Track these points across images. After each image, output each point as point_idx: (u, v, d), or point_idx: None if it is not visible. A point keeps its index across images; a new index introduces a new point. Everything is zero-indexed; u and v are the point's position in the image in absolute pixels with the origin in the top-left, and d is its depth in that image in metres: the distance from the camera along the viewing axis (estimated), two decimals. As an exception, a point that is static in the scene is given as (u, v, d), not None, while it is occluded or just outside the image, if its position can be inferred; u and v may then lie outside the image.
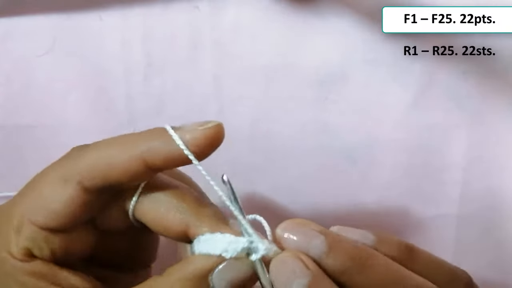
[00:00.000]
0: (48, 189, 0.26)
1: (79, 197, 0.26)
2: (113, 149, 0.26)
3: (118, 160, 0.25)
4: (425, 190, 0.42)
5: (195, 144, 0.25)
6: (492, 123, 0.41)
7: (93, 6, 0.41)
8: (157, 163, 0.25)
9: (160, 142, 0.25)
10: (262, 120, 0.42)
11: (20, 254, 0.26)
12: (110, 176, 0.26)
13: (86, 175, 0.26)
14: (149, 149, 0.25)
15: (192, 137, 0.25)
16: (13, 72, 0.42)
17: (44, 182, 0.26)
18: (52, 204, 0.26)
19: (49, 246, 0.26)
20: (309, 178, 0.42)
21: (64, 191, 0.26)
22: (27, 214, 0.26)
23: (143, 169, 0.25)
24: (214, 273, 0.24)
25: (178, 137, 0.25)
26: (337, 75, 0.41)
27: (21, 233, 0.26)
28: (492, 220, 0.42)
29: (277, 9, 0.40)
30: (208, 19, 0.41)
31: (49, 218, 0.26)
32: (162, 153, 0.25)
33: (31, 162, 0.42)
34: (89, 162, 0.26)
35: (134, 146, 0.26)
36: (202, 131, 0.25)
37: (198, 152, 0.25)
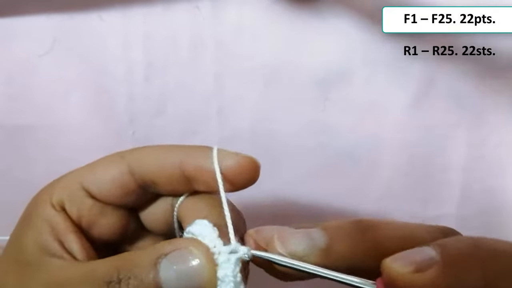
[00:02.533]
0: (105, 160, 0.27)
1: (125, 177, 0.27)
2: (162, 151, 0.27)
3: (161, 160, 0.26)
4: (425, 190, 0.42)
5: (232, 171, 0.26)
6: (492, 123, 0.41)
7: (93, 6, 0.41)
8: (191, 175, 0.26)
9: (199, 157, 0.26)
10: (263, 120, 0.42)
11: (56, 203, 0.27)
12: (150, 173, 0.26)
13: (135, 162, 0.27)
14: (186, 160, 0.26)
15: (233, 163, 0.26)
16: (14, 72, 0.42)
17: (105, 157, 0.28)
18: (101, 171, 0.27)
19: (80, 209, 0.27)
20: (309, 177, 0.42)
21: (116, 163, 0.27)
22: (80, 175, 0.27)
23: (177, 175, 0.26)
24: (162, 261, 0.23)
25: (216, 157, 0.26)
26: (337, 75, 0.41)
27: (66, 188, 0.27)
28: (492, 220, 0.42)
29: (278, 10, 0.40)
30: (208, 19, 0.41)
31: (93, 182, 0.27)
32: (196, 168, 0.26)
33: (32, 162, 0.43)
34: (141, 154, 0.27)
35: (176, 153, 0.27)
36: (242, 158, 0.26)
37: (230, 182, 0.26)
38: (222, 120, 0.42)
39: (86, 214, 0.27)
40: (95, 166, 0.28)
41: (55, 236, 0.26)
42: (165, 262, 0.23)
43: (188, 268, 0.23)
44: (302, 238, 0.23)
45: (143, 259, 0.23)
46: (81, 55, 0.42)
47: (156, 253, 0.23)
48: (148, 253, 0.24)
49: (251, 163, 0.26)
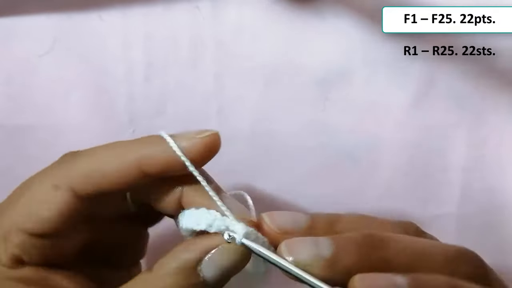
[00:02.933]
0: (39, 195, 0.26)
1: (70, 204, 0.25)
2: (107, 156, 0.26)
3: (112, 167, 0.25)
4: (425, 190, 0.42)
5: (193, 151, 0.25)
6: (492, 123, 0.41)
7: (93, 6, 0.41)
8: (153, 170, 0.25)
9: (156, 149, 0.25)
10: (263, 120, 0.42)
11: (9, 261, 0.25)
12: (103, 184, 0.25)
13: (78, 182, 0.25)
14: (144, 156, 0.25)
15: (190, 144, 0.25)
16: (14, 72, 0.42)
17: (34, 189, 0.26)
18: (42, 211, 0.25)
19: (39, 251, 0.26)
20: (309, 178, 0.42)
21: (55, 197, 0.25)
22: (15, 221, 0.25)
23: (138, 177, 0.25)
24: (203, 264, 0.24)
25: (175, 144, 0.25)
26: (337, 75, 0.41)
27: (10, 241, 0.25)
28: (492, 220, 0.42)
29: (278, 9, 0.40)
30: (208, 19, 0.41)
31: (40, 226, 0.25)
32: (159, 160, 0.25)
33: (32, 162, 0.42)
34: (82, 169, 0.25)
35: (129, 153, 0.25)
36: (199, 139, 0.25)
37: (195, 160, 0.25)
38: (222, 120, 0.42)
39: (48, 253, 0.26)
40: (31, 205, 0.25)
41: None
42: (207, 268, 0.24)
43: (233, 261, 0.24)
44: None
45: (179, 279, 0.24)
46: (81, 55, 0.42)
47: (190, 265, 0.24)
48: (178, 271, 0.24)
49: (214, 139, 0.26)
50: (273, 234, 0.24)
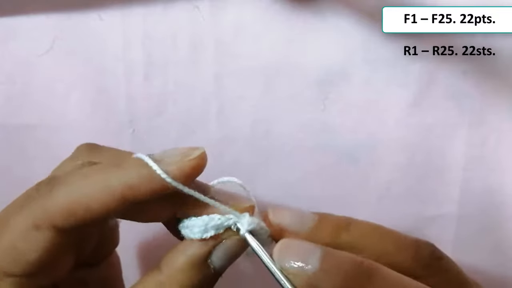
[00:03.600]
0: (20, 239, 0.24)
1: (54, 241, 0.24)
2: (87, 187, 0.24)
3: (95, 199, 0.24)
4: (425, 190, 0.42)
5: (179, 175, 0.24)
6: (492, 123, 0.41)
7: (93, 6, 0.41)
8: (138, 197, 0.24)
9: (140, 175, 0.24)
10: (263, 120, 0.42)
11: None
12: (87, 216, 0.24)
13: (59, 218, 0.24)
14: (129, 185, 0.24)
15: (176, 169, 0.24)
16: (14, 72, 0.42)
17: (14, 231, 0.24)
18: (27, 254, 0.24)
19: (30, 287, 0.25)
20: (310, 177, 0.42)
21: (37, 239, 0.24)
22: (1, 267, 0.24)
23: (123, 205, 0.24)
24: (213, 255, 0.25)
25: (161, 170, 0.24)
26: (337, 75, 0.41)
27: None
28: (492, 219, 0.42)
29: (278, 9, 0.40)
30: (208, 19, 0.41)
31: (26, 267, 0.24)
32: (145, 188, 0.24)
33: (32, 162, 0.43)
34: (62, 203, 0.24)
35: (111, 183, 0.24)
36: (188, 162, 0.24)
37: (181, 181, 0.24)
38: (222, 120, 0.42)
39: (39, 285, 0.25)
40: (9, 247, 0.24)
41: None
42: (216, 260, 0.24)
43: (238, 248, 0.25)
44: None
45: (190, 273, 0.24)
46: (80, 55, 0.42)
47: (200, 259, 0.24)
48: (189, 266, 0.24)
49: (201, 160, 0.25)
50: (276, 230, 0.25)
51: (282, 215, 0.25)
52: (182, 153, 0.25)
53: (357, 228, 0.25)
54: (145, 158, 0.25)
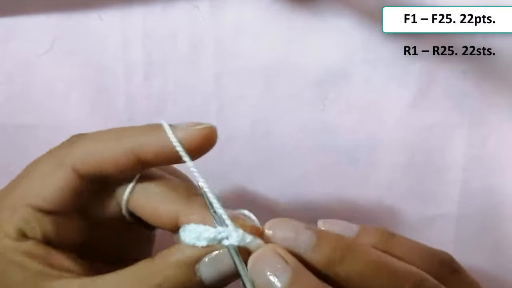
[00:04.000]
0: (44, 172, 0.27)
1: (71, 182, 0.26)
2: (107, 140, 0.27)
3: (110, 151, 0.26)
4: (425, 190, 0.42)
5: (188, 142, 0.26)
6: (492, 123, 0.41)
7: (93, 6, 0.41)
8: (148, 158, 0.26)
9: (153, 137, 0.26)
10: (262, 120, 0.42)
11: (14, 234, 0.26)
12: (101, 166, 0.26)
13: (79, 162, 0.26)
14: (141, 144, 0.26)
15: (186, 135, 0.26)
16: (14, 72, 0.42)
17: (39, 167, 0.27)
18: (46, 187, 0.26)
19: (41, 227, 0.26)
20: (310, 177, 0.42)
21: (58, 175, 0.26)
22: (22, 196, 0.27)
23: (134, 163, 0.26)
24: (201, 263, 0.24)
25: (172, 133, 0.26)
26: (337, 75, 0.41)
27: (16, 214, 0.26)
28: (492, 219, 0.42)
29: (277, 9, 0.40)
30: (208, 19, 0.41)
31: (43, 200, 0.26)
32: (154, 149, 0.26)
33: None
34: (84, 150, 0.27)
35: (127, 139, 0.26)
36: (195, 130, 0.26)
37: (190, 150, 0.26)
38: (221, 119, 0.42)
39: (51, 230, 0.27)
40: (37, 181, 0.27)
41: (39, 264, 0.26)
42: (205, 268, 0.24)
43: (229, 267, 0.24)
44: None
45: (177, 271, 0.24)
46: (80, 54, 0.42)
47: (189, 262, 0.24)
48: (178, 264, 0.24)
49: (209, 132, 0.26)
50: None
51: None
52: (193, 123, 0.27)
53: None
54: (162, 122, 0.27)
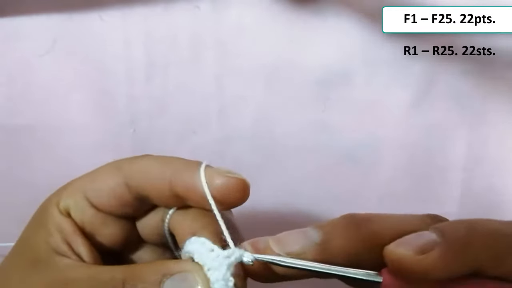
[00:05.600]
0: (104, 170, 0.28)
1: (121, 188, 0.27)
2: (155, 165, 0.27)
3: (152, 175, 0.26)
4: (425, 190, 0.42)
5: (218, 188, 0.25)
6: (493, 122, 0.41)
7: (94, 6, 0.41)
8: (177, 190, 0.26)
9: (187, 172, 0.26)
10: (263, 120, 0.42)
11: (63, 209, 0.27)
12: (143, 187, 0.27)
13: (129, 175, 0.27)
14: (176, 175, 0.26)
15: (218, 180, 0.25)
16: (14, 72, 0.42)
17: (104, 166, 0.28)
18: (100, 182, 0.27)
19: (83, 215, 0.27)
20: (310, 177, 0.42)
21: (113, 175, 0.27)
22: (80, 184, 0.28)
23: (168, 191, 0.26)
24: (166, 281, 0.24)
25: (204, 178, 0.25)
26: (337, 75, 0.41)
27: (71, 196, 0.28)
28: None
29: (278, 9, 0.40)
30: (209, 19, 0.41)
31: (93, 192, 0.27)
32: (183, 183, 0.26)
33: (32, 162, 0.42)
34: (135, 167, 0.27)
35: (169, 167, 0.26)
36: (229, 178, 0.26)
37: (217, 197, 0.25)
38: (222, 120, 0.42)
39: (88, 223, 0.28)
40: (96, 176, 0.28)
41: (64, 238, 0.27)
42: (169, 283, 0.24)
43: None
44: (297, 236, 0.24)
45: (149, 275, 0.24)
46: (81, 55, 0.42)
47: (161, 272, 0.24)
48: (154, 270, 0.24)
49: (240, 184, 0.26)
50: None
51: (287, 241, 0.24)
52: (232, 171, 0.26)
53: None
54: (203, 162, 0.26)
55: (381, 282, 0.23)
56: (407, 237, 0.22)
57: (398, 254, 0.22)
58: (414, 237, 0.22)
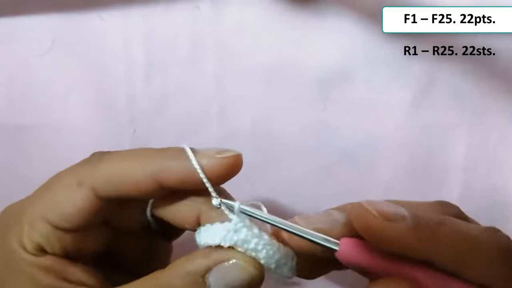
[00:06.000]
0: (63, 190, 0.26)
1: (91, 202, 0.26)
2: (129, 163, 0.26)
3: (132, 175, 0.26)
4: (425, 190, 0.42)
5: (212, 170, 0.25)
6: (492, 122, 0.41)
7: (93, 6, 0.41)
8: (170, 183, 0.26)
9: (176, 163, 0.26)
10: (263, 120, 0.42)
11: (32, 249, 0.26)
12: (122, 190, 0.26)
13: (100, 184, 0.26)
14: (164, 170, 0.25)
15: (209, 163, 0.25)
16: (14, 72, 0.42)
17: (60, 184, 0.27)
18: (65, 206, 0.26)
19: (61, 244, 0.26)
20: (310, 177, 0.42)
21: (78, 194, 0.26)
22: (41, 212, 0.26)
23: (155, 187, 0.26)
24: (212, 273, 0.24)
25: (196, 161, 0.25)
26: (337, 75, 0.41)
27: (35, 229, 0.26)
28: (493, 219, 0.42)
29: (278, 9, 0.40)
30: (209, 19, 0.41)
31: (62, 219, 0.26)
32: (177, 175, 0.25)
33: (32, 162, 0.42)
34: (104, 172, 0.26)
35: (150, 163, 0.26)
36: (220, 159, 0.25)
37: (212, 178, 0.26)
38: (222, 119, 0.42)
39: (70, 246, 0.27)
40: (56, 198, 0.26)
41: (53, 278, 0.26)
42: (213, 279, 0.24)
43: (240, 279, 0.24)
44: (324, 215, 0.26)
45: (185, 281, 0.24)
46: (81, 55, 0.42)
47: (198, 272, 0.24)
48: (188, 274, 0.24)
49: (233, 161, 0.26)
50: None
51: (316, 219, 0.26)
52: (218, 150, 0.26)
53: None
54: (184, 146, 0.26)
55: (336, 250, 0.24)
56: (381, 202, 0.24)
57: (369, 212, 0.23)
58: (388, 205, 0.23)
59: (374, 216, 0.23)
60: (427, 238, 0.23)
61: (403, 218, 0.23)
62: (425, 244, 0.23)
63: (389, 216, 0.23)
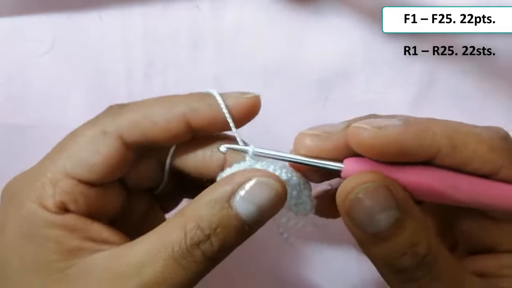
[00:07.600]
0: (87, 142, 0.26)
1: (117, 150, 0.26)
2: (156, 106, 0.26)
3: (162, 117, 0.26)
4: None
5: (237, 110, 0.27)
6: (492, 122, 0.41)
7: (93, 6, 0.41)
8: (199, 124, 0.26)
9: (204, 104, 0.26)
10: (263, 119, 0.42)
11: (55, 207, 0.25)
12: (151, 134, 0.26)
13: (127, 130, 0.26)
14: (193, 109, 0.26)
15: (235, 103, 0.27)
16: (14, 72, 0.42)
17: (82, 136, 0.26)
18: (90, 156, 0.25)
19: (85, 200, 0.26)
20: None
21: (103, 143, 0.26)
22: (65, 167, 0.26)
23: (185, 129, 0.26)
24: (236, 197, 0.24)
25: (223, 101, 0.26)
26: (337, 75, 0.41)
27: (58, 186, 0.25)
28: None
29: (278, 9, 0.40)
30: (208, 19, 0.41)
31: (88, 170, 0.25)
32: (205, 116, 0.26)
33: (32, 161, 0.42)
34: (131, 118, 0.26)
35: (180, 105, 0.26)
36: (245, 99, 0.27)
37: (237, 118, 0.27)
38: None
39: (94, 202, 0.26)
40: (80, 151, 0.26)
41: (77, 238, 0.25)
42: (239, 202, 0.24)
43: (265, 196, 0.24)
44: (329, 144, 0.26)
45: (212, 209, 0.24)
46: (80, 54, 0.42)
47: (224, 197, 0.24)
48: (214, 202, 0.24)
49: (254, 101, 0.27)
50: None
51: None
52: (241, 92, 0.27)
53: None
54: (211, 90, 0.27)
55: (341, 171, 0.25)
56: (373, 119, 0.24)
57: (360, 127, 0.23)
58: (378, 118, 0.24)
59: (365, 129, 0.23)
60: (420, 133, 0.23)
61: (394, 123, 0.23)
62: (419, 139, 0.23)
63: (380, 124, 0.23)
